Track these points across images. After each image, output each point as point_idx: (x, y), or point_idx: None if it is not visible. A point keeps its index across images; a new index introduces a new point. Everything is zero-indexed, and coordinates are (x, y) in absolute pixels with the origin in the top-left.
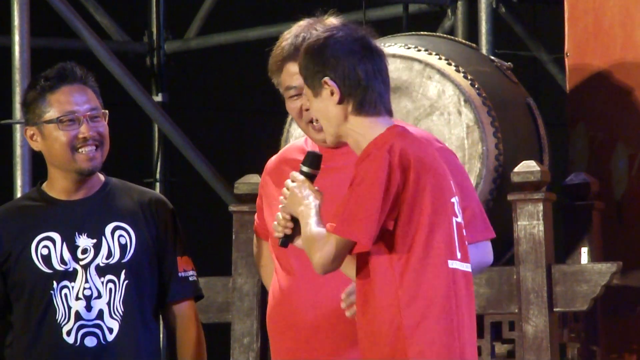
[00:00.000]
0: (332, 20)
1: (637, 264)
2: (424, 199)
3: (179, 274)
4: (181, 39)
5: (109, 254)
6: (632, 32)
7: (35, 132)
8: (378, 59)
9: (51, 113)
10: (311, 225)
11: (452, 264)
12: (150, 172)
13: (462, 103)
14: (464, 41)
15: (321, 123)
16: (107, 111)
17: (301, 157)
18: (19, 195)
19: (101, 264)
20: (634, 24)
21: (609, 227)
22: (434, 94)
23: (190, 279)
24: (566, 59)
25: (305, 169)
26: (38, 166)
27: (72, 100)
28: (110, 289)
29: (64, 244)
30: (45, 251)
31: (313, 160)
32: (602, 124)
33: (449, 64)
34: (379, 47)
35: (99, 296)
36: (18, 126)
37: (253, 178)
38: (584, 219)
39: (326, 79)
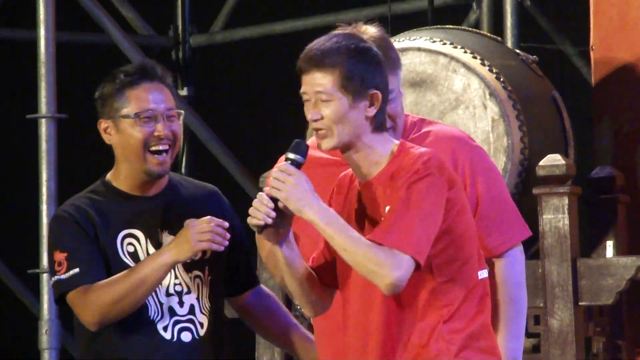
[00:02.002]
0: (371, 30)
1: None
2: (464, 209)
3: (250, 263)
4: (206, 33)
5: None
6: None
7: (110, 125)
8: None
9: (129, 108)
10: (361, 239)
11: (482, 274)
12: (175, 166)
13: (488, 96)
14: (489, 35)
15: (335, 128)
16: (182, 111)
17: (317, 155)
18: (44, 189)
19: (187, 260)
20: None
21: (634, 220)
22: (460, 87)
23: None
24: (591, 52)
25: (292, 156)
26: (63, 160)
27: (151, 98)
28: (198, 285)
29: (148, 241)
30: (131, 248)
31: (299, 148)
32: (627, 118)
33: (474, 58)
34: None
35: (189, 291)
36: (44, 120)
37: None
38: (609, 212)
39: (377, 92)
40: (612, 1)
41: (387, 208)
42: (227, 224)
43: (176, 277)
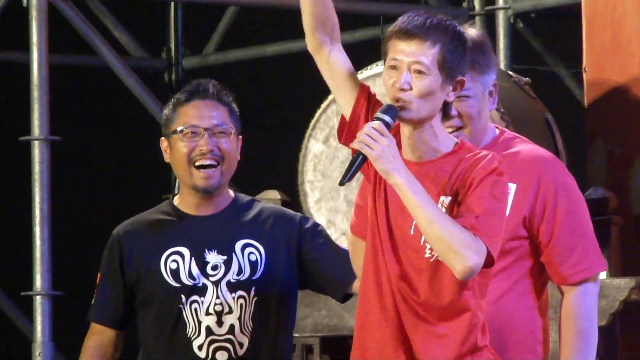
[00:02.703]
0: (471, 31)
1: None
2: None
3: (342, 255)
4: (199, 55)
5: (240, 271)
6: None
7: (166, 144)
8: None
9: (176, 124)
10: (447, 216)
11: None
12: (168, 188)
13: None
14: None
15: (417, 102)
16: (233, 130)
17: None
18: (37, 211)
19: (232, 280)
20: None
21: (627, 242)
22: None
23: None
24: (584, 74)
25: (385, 117)
26: (56, 182)
27: (197, 114)
28: (241, 305)
29: (193, 259)
30: (174, 265)
31: (391, 111)
32: (620, 139)
33: None
34: None
35: (230, 311)
36: (36, 142)
37: (272, 194)
38: (602, 234)
39: (463, 79)
40: (604, 23)
41: (450, 198)
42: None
43: (217, 297)
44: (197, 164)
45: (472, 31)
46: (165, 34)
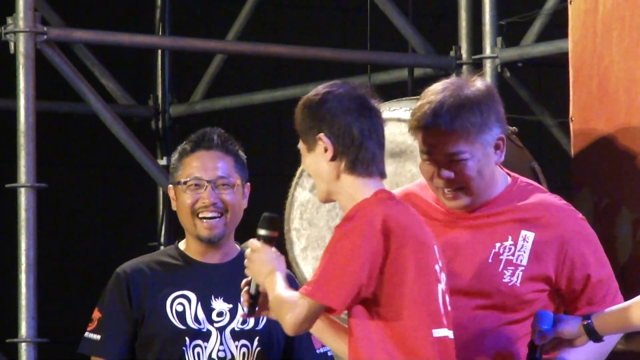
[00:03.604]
0: (481, 83)
1: None
2: (407, 267)
3: (317, 350)
4: (186, 103)
5: (244, 321)
6: (636, 96)
7: (172, 192)
8: (375, 120)
9: (181, 175)
10: (279, 288)
11: (438, 333)
12: (155, 236)
13: None
14: None
15: (314, 179)
16: (238, 181)
17: (423, 193)
18: (23, 258)
19: (236, 329)
20: (639, 89)
21: None
22: None
23: (329, 354)
24: (571, 124)
25: (262, 232)
26: (41, 229)
27: (201, 166)
28: (244, 353)
29: (199, 304)
30: (180, 308)
31: (270, 223)
32: (606, 189)
33: None
34: (376, 108)
35: (232, 359)
36: (23, 189)
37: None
38: None
39: (321, 135)
40: (591, 72)
41: None
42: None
43: (221, 344)
44: (200, 215)
45: (473, 87)
46: (153, 82)
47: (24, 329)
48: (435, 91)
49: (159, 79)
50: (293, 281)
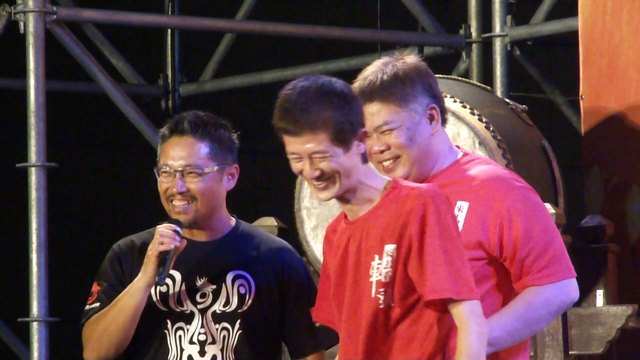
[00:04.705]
0: (410, 58)
1: None
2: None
3: (314, 325)
4: (196, 82)
5: (227, 302)
6: None
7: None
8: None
9: (158, 160)
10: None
11: None
12: (164, 214)
13: (477, 145)
14: (478, 84)
15: (339, 179)
16: (211, 168)
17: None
18: (34, 237)
19: (218, 311)
20: None
21: (624, 269)
22: (449, 136)
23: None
24: (581, 102)
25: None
26: (53, 208)
27: (171, 154)
28: (224, 337)
29: (183, 284)
30: (164, 288)
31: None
32: (617, 167)
33: (464, 107)
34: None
35: (213, 342)
36: (33, 169)
37: (268, 220)
38: (599, 261)
39: (364, 130)
40: (601, 51)
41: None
42: (173, 226)
43: (202, 327)
44: (172, 201)
45: (399, 62)
46: (162, 61)
47: (35, 308)
48: (366, 71)
49: (169, 58)
50: (310, 280)
